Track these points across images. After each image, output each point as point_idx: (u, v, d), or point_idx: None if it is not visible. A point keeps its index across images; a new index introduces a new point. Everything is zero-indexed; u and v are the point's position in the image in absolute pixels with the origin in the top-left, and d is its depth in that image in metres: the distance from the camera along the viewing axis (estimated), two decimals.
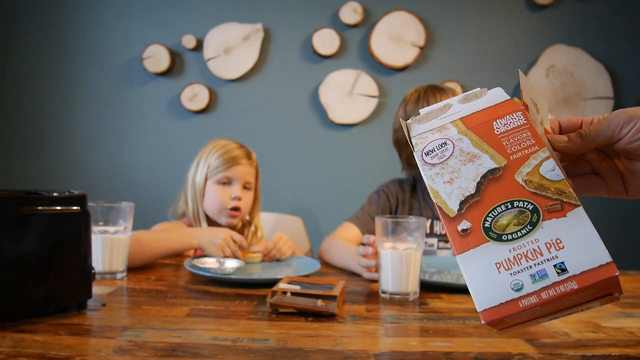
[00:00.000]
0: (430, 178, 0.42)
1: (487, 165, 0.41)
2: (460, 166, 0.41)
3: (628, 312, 0.80)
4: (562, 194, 0.38)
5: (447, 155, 0.42)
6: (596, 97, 2.24)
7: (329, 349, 0.58)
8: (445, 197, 0.41)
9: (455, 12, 2.30)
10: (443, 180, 0.41)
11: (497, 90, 0.46)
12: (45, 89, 2.33)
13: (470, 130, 0.43)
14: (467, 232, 0.39)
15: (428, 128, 0.45)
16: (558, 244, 0.36)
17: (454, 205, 0.40)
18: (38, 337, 0.58)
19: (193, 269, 0.95)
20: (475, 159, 0.41)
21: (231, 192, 1.28)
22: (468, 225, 0.39)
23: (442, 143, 0.43)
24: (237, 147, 1.33)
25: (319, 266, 1.03)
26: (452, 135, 0.43)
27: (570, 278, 0.35)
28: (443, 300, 0.85)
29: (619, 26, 2.27)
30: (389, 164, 2.28)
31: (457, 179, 0.41)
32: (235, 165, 1.28)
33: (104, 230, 0.94)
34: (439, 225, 1.33)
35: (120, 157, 2.33)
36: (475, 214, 0.39)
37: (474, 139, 0.42)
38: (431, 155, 0.43)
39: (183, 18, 2.31)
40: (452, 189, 0.41)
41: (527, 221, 0.38)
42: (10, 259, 0.62)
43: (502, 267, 0.37)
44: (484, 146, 0.42)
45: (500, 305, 0.36)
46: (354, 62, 2.30)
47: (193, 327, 0.65)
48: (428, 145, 0.43)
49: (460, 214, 0.40)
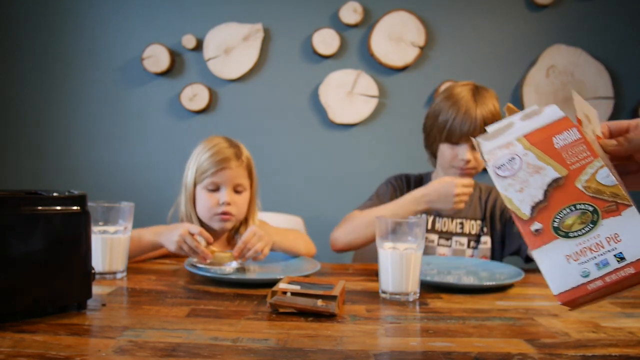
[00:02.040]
0: (504, 188, 0.50)
1: (551, 175, 0.48)
2: (528, 177, 0.49)
3: (628, 312, 0.80)
4: (617, 197, 0.46)
5: (516, 169, 0.50)
6: (596, 97, 2.24)
7: (329, 349, 0.58)
8: (518, 203, 0.49)
9: (455, 12, 2.30)
10: (515, 190, 0.50)
11: (552, 108, 0.52)
12: (45, 88, 2.33)
13: (533, 146, 0.50)
14: (539, 231, 0.48)
15: (496, 145, 0.52)
16: (616, 237, 0.45)
17: (526, 210, 0.49)
18: (38, 337, 0.58)
19: (193, 269, 0.95)
20: (540, 170, 0.49)
21: (219, 198, 1.23)
22: (539, 226, 0.48)
23: (510, 158, 0.51)
24: (227, 146, 1.26)
25: (319, 266, 1.03)
26: (518, 151, 0.50)
27: (628, 265, 0.44)
28: (443, 300, 0.85)
29: (619, 26, 2.27)
30: (389, 164, 2.28)
31: (527, 188, 0.49)
32: (222, 170, 1.22)
33: (104, 230, 0.94)
34: (441, 222, 1.33)
35: (120, 157, 2.33)
36: (544, 216, 0.48)
37: (538, 153, 0.50)
38: (502, 169, 0.51)
39: (183, 18, 2.31)
40: (523, 196, 0.49)
41: (589, 220, 0.46)
42: (10, 258, 0.62)
43: (571, 258, 0.46)
44: (547, 159, 0.49)
45: (572, 289, 0.46)
46: (354, 62, 2.30)
47: (193, 327, 0.65)
48: (498, 160, 0.51)
49: (532, 217, 0.48)
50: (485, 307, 0.81)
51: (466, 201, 1.20)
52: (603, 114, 2.24)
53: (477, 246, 1.32)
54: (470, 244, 1.32)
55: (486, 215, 1.34)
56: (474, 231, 1.33)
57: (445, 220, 1.33)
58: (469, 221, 1.33)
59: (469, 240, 1.32)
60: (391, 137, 2.30)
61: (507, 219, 1.32)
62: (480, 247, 1.31)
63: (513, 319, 0.74)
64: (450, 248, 1.31)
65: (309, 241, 1.29)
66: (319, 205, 2.30)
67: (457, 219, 1.33)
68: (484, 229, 1.33)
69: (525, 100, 2.26)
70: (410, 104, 2.27)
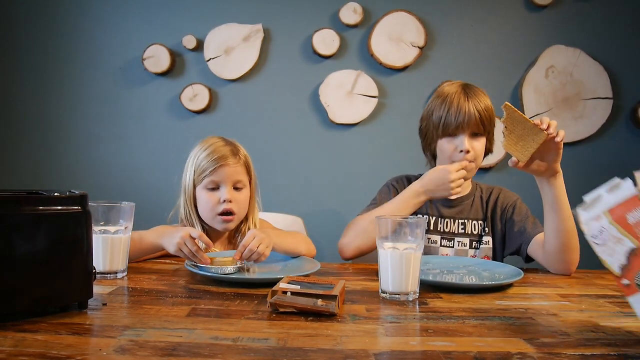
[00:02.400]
0: (600, 252, 0.66)
1: (629, 245, 0.63)
2: (614, 246, 0.64)
3: (627, 312, 0.80)
4: None
5: (605, 239, 0.65)
6: (595, 97, 2.24)
7: (329, 348, 0.59)
8: (610, 264, 0.65)
9: (455, 12, 2.30)
10: (607, 254, 0.65)
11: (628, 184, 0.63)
12: (46, 89, 2.33)
13: (614, 221, 0.64)
14: (628, 285, 0.63)
15: (590, 217, 0.67)
16: None
17: (616, 269, 0.64)
18: (39, 337, 0.59)
19: (193, 268, 0.96)
20: (621, 241, 0.63)
21: (220, 196, 1.23)
22: (627, 282, 0.63)
23: (600, 230, 0.65)
24: (223, 144, 1.27)
25: (319, 266, 1.04)
26: (605, 224, 0.65)
27: None
28: (443, 300, 0.85)
29: (617, 27, 2.27)
30: (389, 164, 2.28)
31: (614, 253, 0.64)
32: (221, 168, 1.22)
33: (105, 230, 0.95)
34: (443, 223, 1.33)
35: (120, 157, 2.33)
36: (629, 275, 0.63)
37: (618, 227, 0.64)
38: (596, 238, 0.66)
39: (183, 18, 2.31)
40: (613, 260, 0.64)
41: None
42: (11, 258, 0.63)
43: None
44: (624, 233, 0.63)
45: None
46: (354, 62, 2.30)
47: (193, 327, 0.65)
48: (593, 231, 0.66)
49: (621, 275, 0.64)
50: (485, 307, 0.81)
51: (461, 184, 1.24)
52: (602, 114, 2.24)
53: (479, 246, 1.32)
54: (473, 244, 1.32)
55: (487, 215, 1.35)
56: (476, 231, 1.33)
57: (447, 220, 1.33)
58: (471, 221, 1.33)
59: (471, 241, 1.32)
60: (391, 137, 2.30)
61: (507, 219, 1.32)
62: (482, 247, 1.32)
63: (512, 319, 0.74)
64: (452, 249, 1.32)
65: (309, 242, 1.29)
66: (319, 205, 2.30)
67: (459, 220, 1.33)
68: (486, 229, 1.33)
69: (524, 100, 2.26)
70: (410, 104, 2.27)
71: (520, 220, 1.29)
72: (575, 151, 2.26)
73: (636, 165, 2.51)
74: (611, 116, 2.24)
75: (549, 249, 1.16)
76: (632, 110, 2.24)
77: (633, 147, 2.27)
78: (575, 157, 2.24)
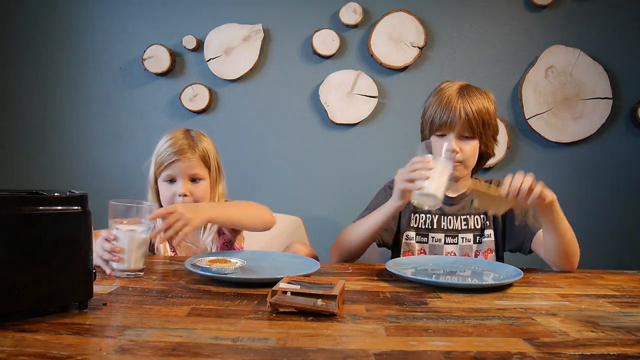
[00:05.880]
0: None
1: None
2: None
3: (626, 312, 0.80)
4: None
5: None
6: (595, 97, 2.25)
7: (329, 348, 0.59)
8: None
9: (455, 12, 2.30)
10: None
11: None
12: (46, 89, 2.34)
13: None
14: None
15: None
16: None
17: None
18: (39, 337, 0.59)
19: (193, 268, 0.96)
20: None
21: (176, 190, 1.25)
22: None
23: None
24: (183, 137, 1.28)
25: (319, 266, 1.04)
26: None
27: None
28: (443, 300, 0.85)
29: (617, 27, 2.27)
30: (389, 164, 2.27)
31: None
32: (176, 162, 1.25)
33: (132, 229, 0.95)
34: (446, 220, 1.33)
35: (120, 157, 2.33)
36: None
37: None
38: None
39: (183, 19, 2.31)
40: None
41: None
42: (11, 258, 0.63)
43: None
44: None
45: None
46: (353, 62, 2.30)
47: (193, 327, 0.65)
48: None
49: None
50: (485, 307, 0.81)
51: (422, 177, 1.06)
52: (601, 115, 2.24)
53: (482, 240, 1.32)
54: (476, 239, 1.33)
55: None
56: (479, 225, 1.33)
57: (450, 218, 1.33)
58: (473, 216, 1.34)
59: (474, 236, 1.33)
60: (391, 137, 2.30)
61: (507, 215, 1.32)
62: (484, 240, 1.32)
63: (512, 319, 0.74)
64: (457, 245, 1.32)
65: (262, 209, 1.27)
66: (319, 205, 2.30)
67: (462, 216, 1.33)
68: (487, 222, 1.33)
69: (524, 100, 2.26)
70: (409, 105, 2.27)
71: (520, 214, 1.29)
72: (574, 151, 2.25)
73: (636, 165, 2.52)
74: (611, 116, 2.24)
75: (548, 257, 1.20)
76: (632, 111, 2.24)
77: (632, 147, 2.27)
78: (574, 157, 2.24)
